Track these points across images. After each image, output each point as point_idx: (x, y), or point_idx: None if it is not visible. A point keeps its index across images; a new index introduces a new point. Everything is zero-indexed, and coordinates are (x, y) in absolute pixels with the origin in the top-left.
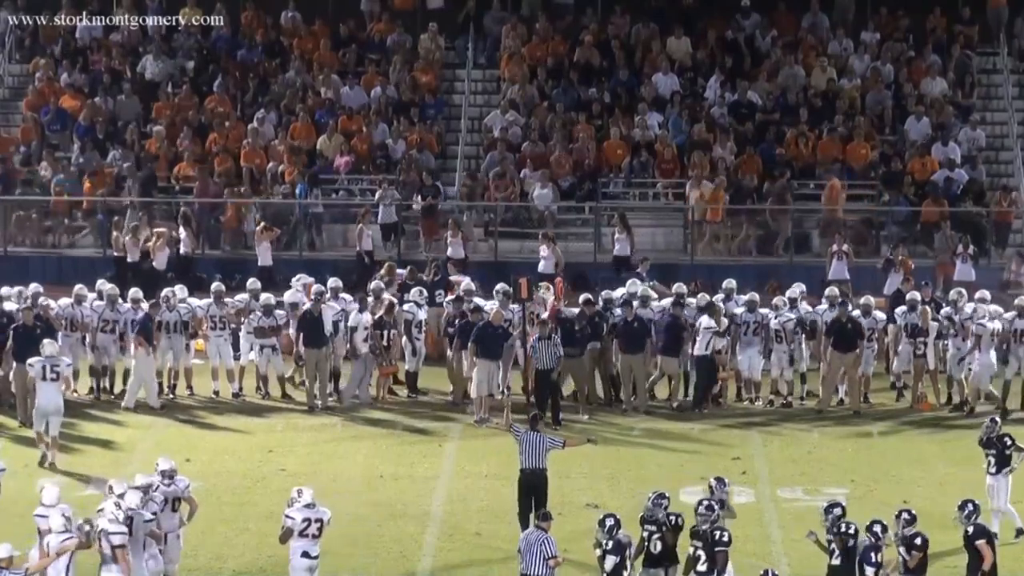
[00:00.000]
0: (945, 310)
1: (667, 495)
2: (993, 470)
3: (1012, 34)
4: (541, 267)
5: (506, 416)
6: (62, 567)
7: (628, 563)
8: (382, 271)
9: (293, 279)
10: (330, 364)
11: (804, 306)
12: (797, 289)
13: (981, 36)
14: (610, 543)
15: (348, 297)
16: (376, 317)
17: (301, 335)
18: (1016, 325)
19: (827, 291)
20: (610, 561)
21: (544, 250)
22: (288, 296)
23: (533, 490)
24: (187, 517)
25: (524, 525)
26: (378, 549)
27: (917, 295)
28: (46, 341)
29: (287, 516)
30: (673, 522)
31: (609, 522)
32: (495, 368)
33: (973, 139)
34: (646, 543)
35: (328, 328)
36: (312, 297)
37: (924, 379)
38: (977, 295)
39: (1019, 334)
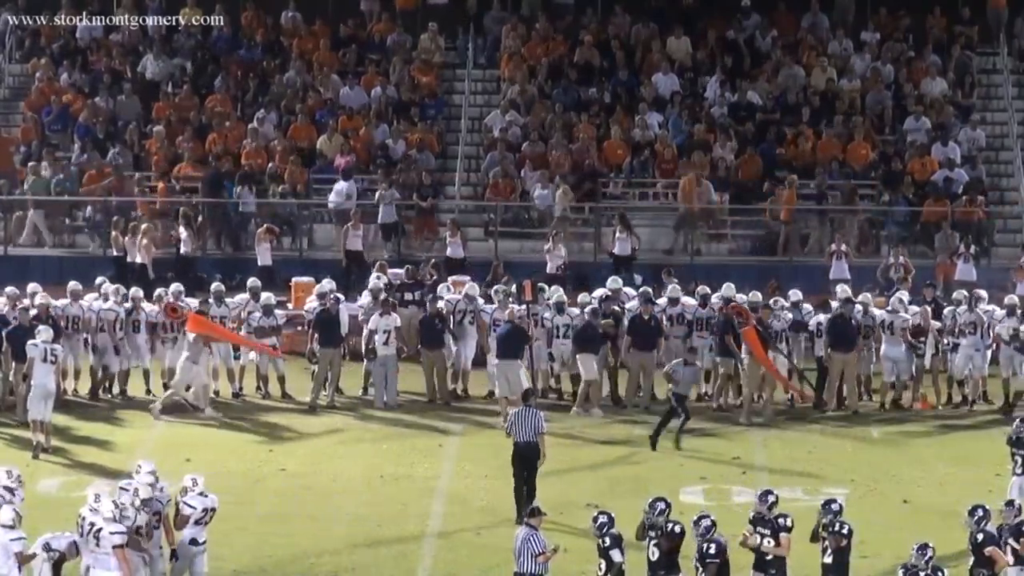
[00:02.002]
0: (953, 308)
1: (662, 501)
2: (1020, 471)
3: (1012, 34)
4: (549, 267)
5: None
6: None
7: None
8: (375, 271)
9: (372, 277)
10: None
11: (806, 307)
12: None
13: (981, 36)
14: (607, 540)
15: (341, 296)
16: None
17: (316, 334)
18: (1008, 324)
19: (839, 290)
20: (616, 554)
21: (553, 249)
22: (363, 297)
23: (526, 462)
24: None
25: (518, 498)
26: (378, 549)
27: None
28: (41, 328)
29: (187, 504)
30: (669, 530)
31: (602, 519)
32: (514, 368)
33: (973, 139)
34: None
35: (344, 328)
36: (318, 296)
37: (924, 379)
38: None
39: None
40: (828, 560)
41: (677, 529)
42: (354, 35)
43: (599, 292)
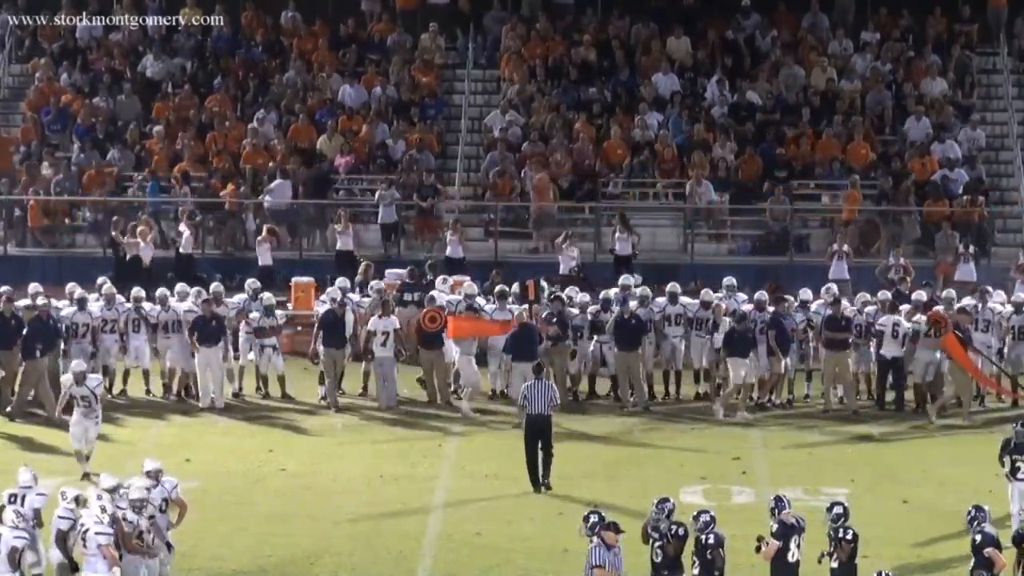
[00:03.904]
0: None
1: (670, 500)
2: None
3: (1012, 34)
4: (562, 268)
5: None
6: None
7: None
8: (359, 271)
9: (438, 280)
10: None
11: (814, 306)
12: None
13: (981, 36)
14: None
15: (353, 298)
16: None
17: (320, 334)
18: (1015, 321)
19: (824, 290)
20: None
21: (566, 249)
22: (498, 312)
23: (539, 434)
24: (176, 520)
25: (532, 469)
26: (378, 549)
27: (924, 295)
28: (75, 362)
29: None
30: (674, 532)
31: (592, 519)
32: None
33: (973, 139)
34: (650, 551)
35: (348, 329)
36: (330, 298)
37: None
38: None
39: (1019, 330)
40: (835, 565)
41: (681, 532)
42: (354, 35)
43: (612, 292)
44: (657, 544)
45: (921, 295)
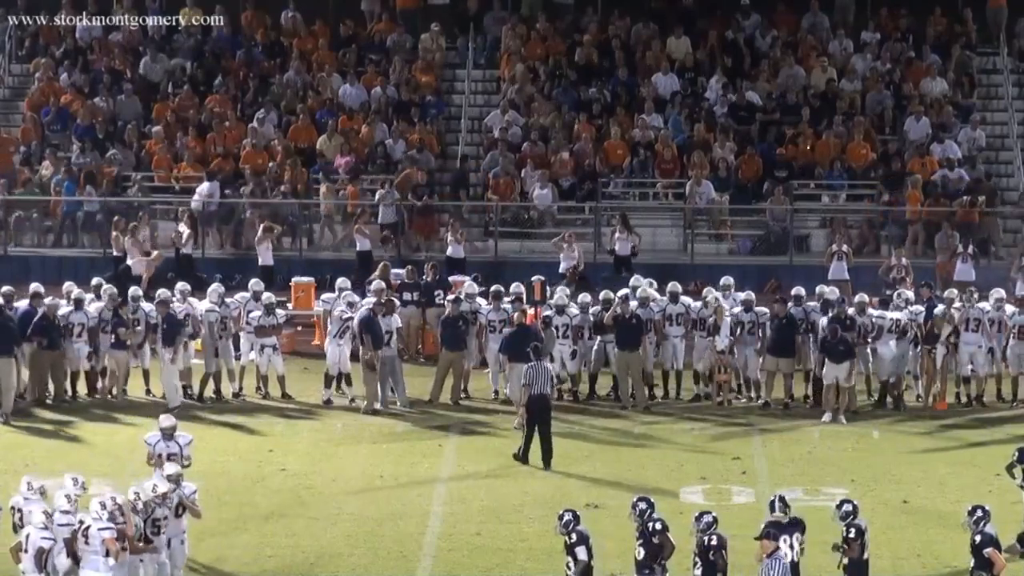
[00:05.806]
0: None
1: (643, 499)
2: None
3: (1012, 34)
4: (562, 267)
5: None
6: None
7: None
8: (376, 270)
9: (513, 286)
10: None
11: (808, 305)
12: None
13: (981, 36)
14: (573, 536)
15: (357, 297)
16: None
17: (368, 338)
18: (1016, 320)
19: (826, 291)
20: (582, 552)
21: (567, 249)
22: (493, 312)
23: (541, 413)
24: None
25: (526, 444)
26: (378, 549)
27: (889, 292)
28: (163, 415)
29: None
30: (651, 529)
31: (567, 517)
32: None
33: (973, 139)
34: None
35: (387, 329)
36: (348, 303)
37: (936, 378)
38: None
39: (1020, 330)
40: (845, 561)
41: (658, 526)
42: (354, 35)
43: (622, 292)
44: (639, 542)
45: (887, 292)
